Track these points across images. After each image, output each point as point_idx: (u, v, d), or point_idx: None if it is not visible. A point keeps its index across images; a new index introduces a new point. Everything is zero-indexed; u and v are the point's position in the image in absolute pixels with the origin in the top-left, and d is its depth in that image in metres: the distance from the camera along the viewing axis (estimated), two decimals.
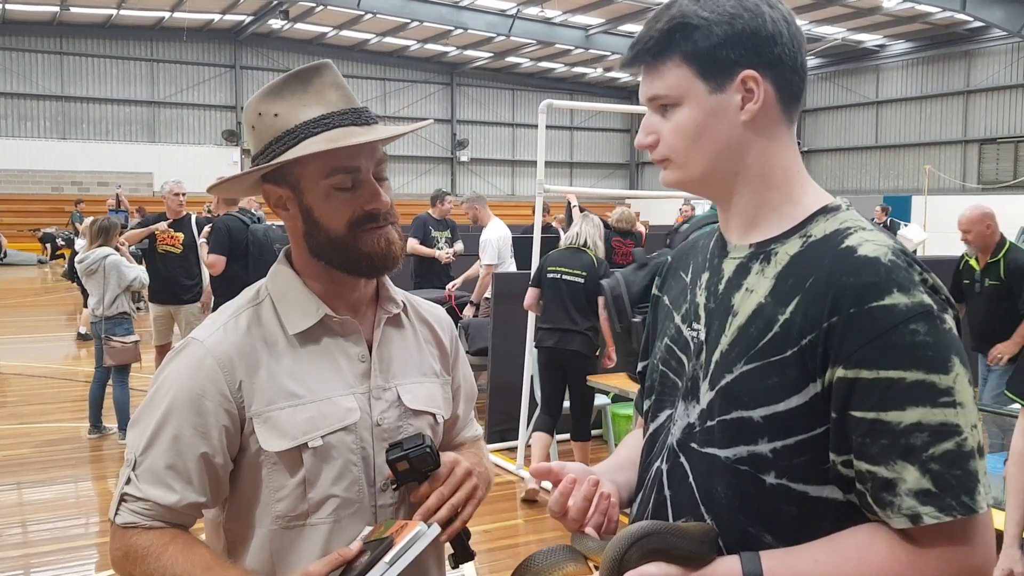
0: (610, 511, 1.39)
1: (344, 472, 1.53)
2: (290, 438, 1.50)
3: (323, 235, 1.53)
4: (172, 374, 1.53)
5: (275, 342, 1.55)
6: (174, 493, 1.47)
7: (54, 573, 4.79)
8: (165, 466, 1.48)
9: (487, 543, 5.23)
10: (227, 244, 6.89)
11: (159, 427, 1.49)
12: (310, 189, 1.52)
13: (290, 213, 1.57)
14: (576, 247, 6.04)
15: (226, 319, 1.57)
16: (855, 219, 1.28)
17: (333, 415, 1.53)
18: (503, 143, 37.36)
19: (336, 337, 1.58)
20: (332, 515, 1.53)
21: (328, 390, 1.54)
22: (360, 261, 1.54)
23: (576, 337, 5.92)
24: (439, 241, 8.99)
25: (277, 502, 1.51)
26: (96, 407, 7.22)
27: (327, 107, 1.52)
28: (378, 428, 1.58)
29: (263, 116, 1.54)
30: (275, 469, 1.51)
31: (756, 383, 1.22)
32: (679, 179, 1.34)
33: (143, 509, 1.48)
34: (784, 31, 1.28)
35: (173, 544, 1.47)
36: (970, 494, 1.12)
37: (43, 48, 29.65)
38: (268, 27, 30.51)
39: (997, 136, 27.54)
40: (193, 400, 1.48)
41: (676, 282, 1.49)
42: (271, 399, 1.51)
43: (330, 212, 1.52)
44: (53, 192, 29.19)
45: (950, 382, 1.13)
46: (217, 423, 1.49)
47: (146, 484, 1.48)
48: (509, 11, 27.33)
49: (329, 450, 1.52)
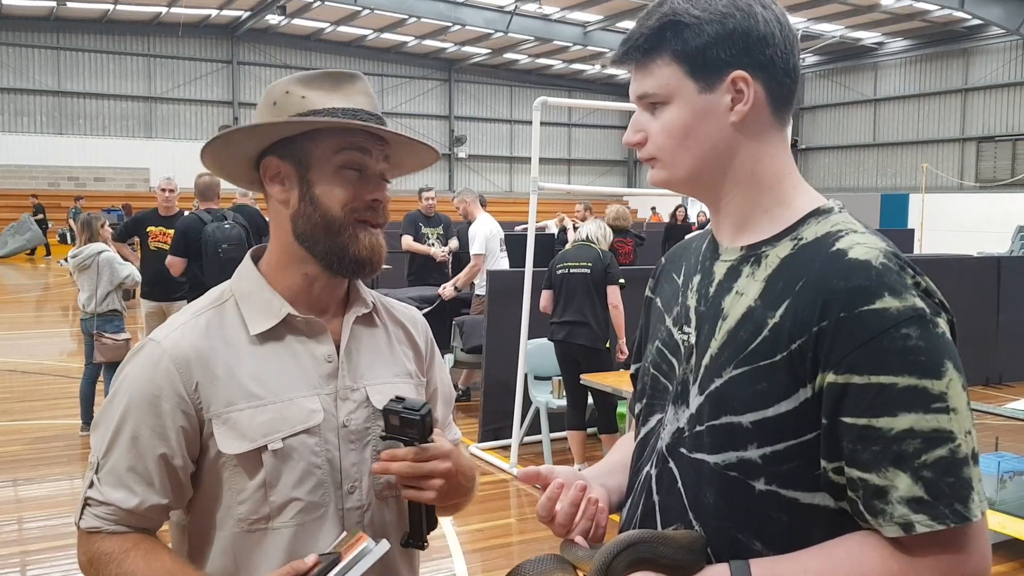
0: (598, 516, 1.37)
1: (307, 475, 1.50)
2: (249, 440, 1.47)
3: (318, 214, 1.51)
4: (129, 375, 1.51)
5: (237, 343, 1.52)
6: (135, 496, 1.46)
7: (48, 570, 4.78)
8: (126, 468, 1.46)
9: (479, 542, 5.22)
10: (183, 245, 6.88)
11: (118, 429, 1.47)
12: (318, 164, 1.51)
13: (284, 188, 1.54)
14: (581, 242, 6.33)
15: (186, 319, 1.55)
16: (847, 221, 1.26)
17: (295, 417, 1.50)
18: (501, 139, 37.38)
19: (301, 337, 1.55)
20: (295, 519, 1.49)
21: (290, 391, 1.51)
22: (346, 254, 1.52)
23: (582, 329, 6.04)
24: (430, 238, 8.96)
25: (239, 505, 1.49)
26: (87, 404, 7.19)
27: (354, 104, 1.53)
28: (344, 430, 1.54)
29: (291, 94, 1.53)
30: (235, 472, 1.48)
31: (745, 388, 1.21)
32: (666, 178, 1.33)
33: (106, 514, 1.46)
34: (777, 32, 1.26)
35: (135, 550, 1.45)
36: (963, 502, 1.10)
37: (39, 43, 29.62)
38: (265, 23, 30.50)
39: (995, 134, 27.58)
40: (149, 401, 1.47)
41: (668, 284, 1.47)
42: (230, 400, 1.48)
43: (332, 190, 1.51)
44: (49, 187, 29.16)
45: (943, 387, 1.11)
46: (174, 424, 1.47)
47: (107, 487, 1.46)
48: (507, 7, 27.33)
49: (290, 452, 1.49)
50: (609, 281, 6.07)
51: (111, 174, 29.95)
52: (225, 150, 1.58)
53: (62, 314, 15.13)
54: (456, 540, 5.16)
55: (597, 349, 6.07)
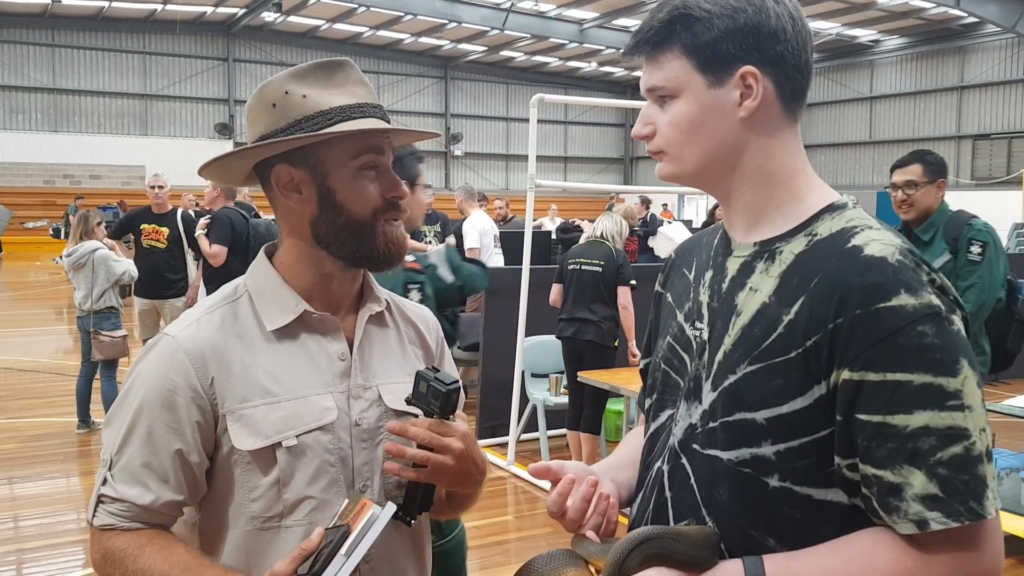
0: (609, 511, 1.36)
1: (320, 473, 1.50)
2: (263, 437, 1.47)
3: (343, 219, 1.50)
4: (144, 370, 1.50)
5: (251, 339, 1.51)
6: (150, 492, 1.44)
7: (44, 568, 4.76)
8: (140, 464, 1.45)
9: (476, 539, 5.20)
10: (230, 235, 6.80)
11: (132, 424, 1.46)
12: (336, 171, 1.50)
13: (302, 196, 1.51)
14: (594, 239, 6.23)
15: (200, 314, 1.54)
16: (862, 217, 1.25)
17: (309, 414, 1.50)
18: (497, 137, 37.37)
19: (315, 334, 1.55)
20: (308, 517, 1.48)
21: (305, 388, 1.51)
22: (372, 251, 1.52)
23: (591, 327, 5.98)
24: (427, 236, 8.95)
25: (252, 502, 1.48)
26: (84, 402, 7.18)
27: (356, 99, 1.52)
28: (357, 428, 1.54)
29: (290, 95, 1.50)
30: (248, 469, 1.48)
31: (760, 384, 1.20)
32: (673, 172, 1.33)
33: (120, 511, 1.45)
34: (788, 28, 1.25)
35: (151, 545, 1.44)
36: (978, 499, 1.09)
37: (35, 40, 29.54)
38: (261, 20, 30.45)
39: (990, 132, 27.64)
40: (164, 396, 1.46)
41: (679, 279, 1.46)
42: (245, 396, 1.48)
43: (356, 194, 1.50)
44: (45, 185, 29.10)
45: (958, 385, 1.11)
46: (190, 419, 1.46)
47: (122, 484, 1.45)
48: (503, 5, 27.31)
49: (304, 450, 1.48)
50: (620, 282, 5.96)
51: (106, 172, 29.88)
52: (219, 165, 1.58)
53: (58, 312, 15.09)
54: None
55: (605, 346, 6.00)
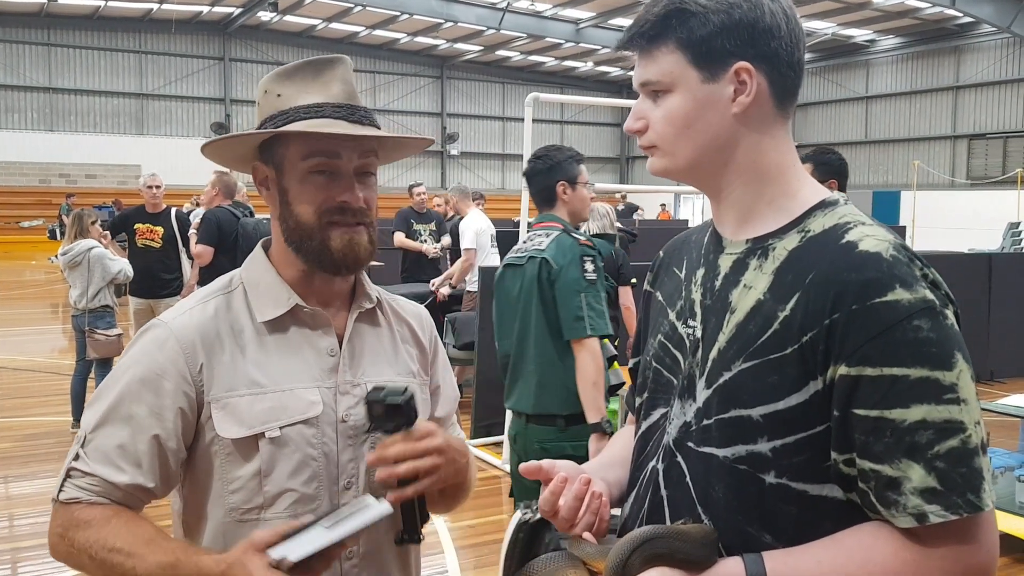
0: (602, 510, 1.36)
1: (302, 467, 1.50)
2: (247, 426, 1.47)
3: (293, 219, 1.53)
4: (134, 354, 1.51)
5: (242, 329, 1.53)
6: (123, 473, 1.44)
7: (39, 567, 4.74)
8: (116, 445, 1.45)
9: (471, 538, 5.21)
10: (215, 235, 6.85)
11: (114, 405, 1.47)
12: (289, 171, 1.53)
13: (270, 193, 1.58)
14: (594, 236, 6.09)
15: (194, 303, 1.56)
16: (854, 214, 1.26)
17: (294, 407, 1.50)
18: (493, 137, 37.36)
19: (305, 328, 1.56)
20: (288, 510, 1.48)
21: (292, 381, 1.52)
22: (324, 255, 1.53)
23: None
24: (423, 234, 8.95)
25: (231, 493, 1.49)
26: (78, 401, 7.14)
27: (326, 97, 1.53)
28: (343, 425, 1.54)
29: (268, 94, 1.56)
30: (229, 459, 1.48)
31: (755, 381, 1.20)
32: (665, 167, 1.33)
33: (89, 484, 1.45)
34: (783, 25, 1.26)
35: (117, 518, 1.43)
36: (976, 492, 1.10)
37: (30, 39, 29.48)
38: (257, 19, 30.41)
39: (986, 131, 27.68)
40: (151, 380, 1.47)
41: (669, 278, 1.46)
42: (232, 385, 1.49)
43: (302, 196, 1.52)
44: (40, 184, 29.04)
45: (954, 378, 1.11)
46: (173, 405, 1.47)
47: (95, 462, 1.45)
48: (499, 4, 27.30)
49: (287, 442, 1.49)
50: (621, 281, 5.89)
51: (102, 171, 29.82)
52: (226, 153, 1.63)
53: (53, 310, 15.06)
54: (448, 536, 5.16)
55: None
